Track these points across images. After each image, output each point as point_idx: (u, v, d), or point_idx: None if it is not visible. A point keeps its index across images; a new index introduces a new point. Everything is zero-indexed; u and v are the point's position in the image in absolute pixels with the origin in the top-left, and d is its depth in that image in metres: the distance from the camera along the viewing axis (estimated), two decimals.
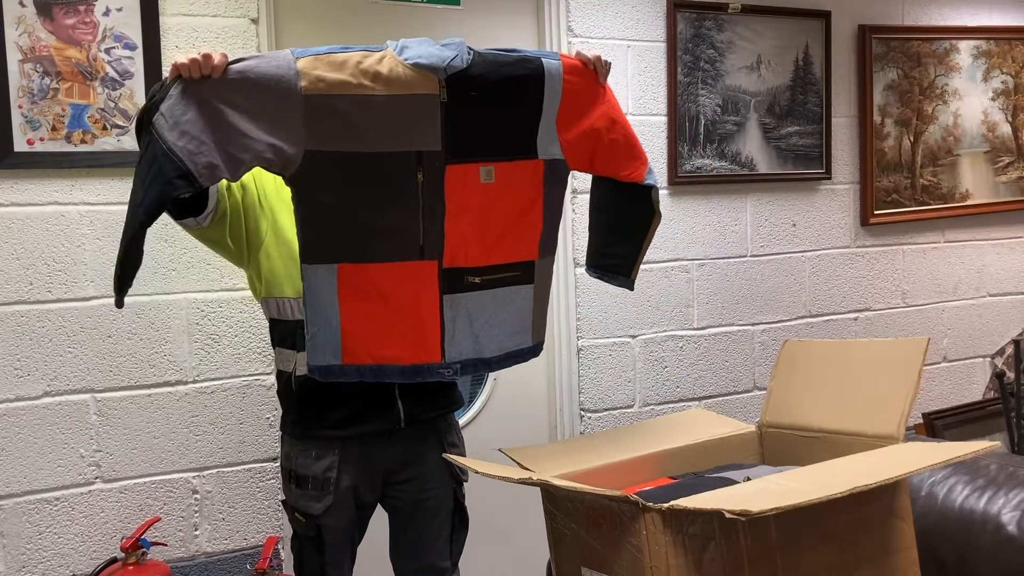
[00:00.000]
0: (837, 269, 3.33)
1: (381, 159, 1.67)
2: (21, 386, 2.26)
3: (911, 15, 3.43)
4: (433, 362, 1.77)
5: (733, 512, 1.19)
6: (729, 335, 3.13)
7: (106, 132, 2.30)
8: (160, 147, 1.53)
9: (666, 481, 1.71)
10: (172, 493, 2.41)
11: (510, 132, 1.76)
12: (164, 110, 1.55)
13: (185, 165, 1.53)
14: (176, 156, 1.52)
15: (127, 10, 2.30)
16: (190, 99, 1.57)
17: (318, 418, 1.87)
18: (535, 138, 1.77)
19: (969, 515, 1.80)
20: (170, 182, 1.53)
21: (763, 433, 1.90)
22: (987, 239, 3.64)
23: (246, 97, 1.59)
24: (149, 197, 1.54)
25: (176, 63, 1.56)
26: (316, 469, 1.87)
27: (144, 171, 1.55)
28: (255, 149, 1.59)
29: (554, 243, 1.91)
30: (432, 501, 1.98)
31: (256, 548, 2.47)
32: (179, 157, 1.53)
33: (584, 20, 2.85)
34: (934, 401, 3.51)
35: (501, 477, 1.48)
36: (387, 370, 1.76)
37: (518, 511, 2.65)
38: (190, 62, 1.55)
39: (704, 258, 3.07)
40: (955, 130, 3.53)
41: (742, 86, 3.08)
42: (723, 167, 3.07)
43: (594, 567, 1.48)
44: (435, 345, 1.76)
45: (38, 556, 2.28)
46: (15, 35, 2.20)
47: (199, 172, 1.54)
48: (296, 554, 1.95)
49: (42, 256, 2.27)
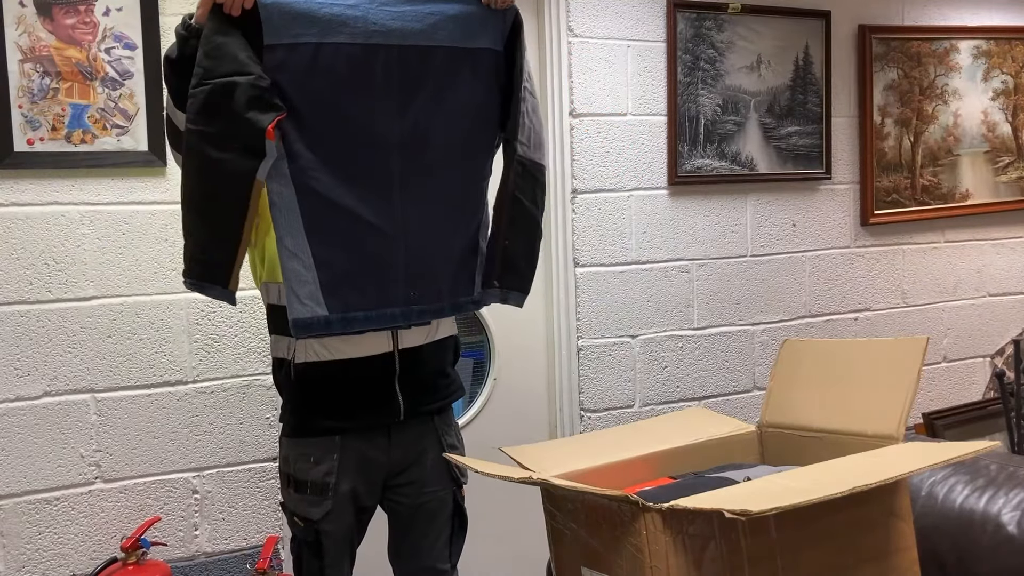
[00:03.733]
0: (837, 269, 3.33)
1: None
2: (21, 386, 2.26)
3: (911, 15, 3.43)
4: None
5: (733, 512, 1.19)
6: (729, 335, 3.13)
7: (106, 132, 2.30)
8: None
9: (666, 481, 1.71)
10: (172, 493, 2.41)
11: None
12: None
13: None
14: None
15: (127, 10, 2.30)
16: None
17: (317, 408, 1.86)
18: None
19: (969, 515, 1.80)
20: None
21: (763, 433, 1.90)
22: (987, 239, 3.64)
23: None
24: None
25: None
26: (315, 474, 1.86)
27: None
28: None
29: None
30: (432, 503, 1.97)
31: (256, 548, 2.47)
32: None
33: (584, 20, 2.85)
34: (934, 401, 3.51)
35: (501, 477, 1.48)
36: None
37: (518, 511, 2.65)
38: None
39: (704, 258, 3.07)
40: (955, 130, 3.53)
41: (742, 86, 3.08)
42: (723, 167, 3.07)
43: (594, 567, 1.48)
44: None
45: (38, 556, 2.28)
46: (15, 35, 2.20)
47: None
48: (295, 558, 1.94)
49: (42, 256, 2.27)
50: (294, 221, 1.70)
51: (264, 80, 1.63)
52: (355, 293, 1.75)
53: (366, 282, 1.77)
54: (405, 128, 1.76)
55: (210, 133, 1.62)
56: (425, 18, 1.74)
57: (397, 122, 1.76)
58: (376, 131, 1.75)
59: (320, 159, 1.70)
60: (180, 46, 1.67)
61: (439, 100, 1.79)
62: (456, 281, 1.88)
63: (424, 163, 1.79)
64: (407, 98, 1.76)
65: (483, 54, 1.82)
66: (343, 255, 1.74)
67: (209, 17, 1.62)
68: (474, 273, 1.90)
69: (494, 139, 1.91)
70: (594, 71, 2.87)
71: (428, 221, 1.81)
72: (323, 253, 1.72)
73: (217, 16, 1.61)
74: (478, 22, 1.80)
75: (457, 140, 1.83)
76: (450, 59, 1.78)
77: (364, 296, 1.76)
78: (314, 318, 1.72)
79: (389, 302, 1.79)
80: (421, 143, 1.78)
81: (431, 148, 1.80)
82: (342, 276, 1.74)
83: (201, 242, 1.69)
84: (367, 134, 1.74)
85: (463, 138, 1.84)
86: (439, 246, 1.84)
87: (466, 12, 1.78)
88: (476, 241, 1.90)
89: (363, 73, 1.71)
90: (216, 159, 1.63)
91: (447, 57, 1.77)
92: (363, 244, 1.75)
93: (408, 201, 1.78)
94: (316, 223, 1.71)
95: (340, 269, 1.74)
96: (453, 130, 1.82)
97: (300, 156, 1.69)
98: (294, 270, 1.71)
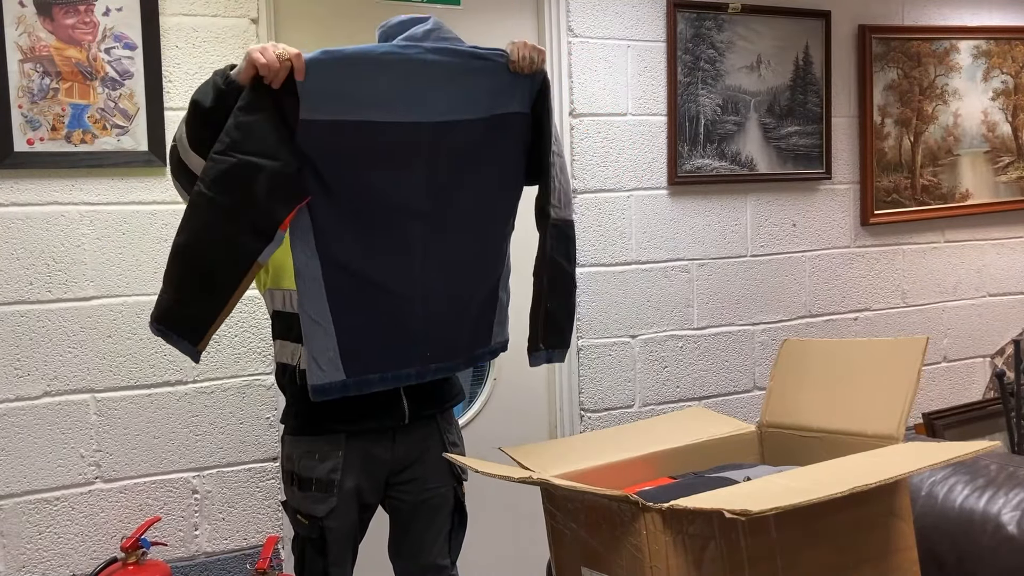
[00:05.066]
0: (837, 269, 3.33)
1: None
2: (21, 386, 2.26)
3: (911, 15, 3.43)
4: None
5: (733, 512, 1.19)
6: (729, 335, 3.13)
7: (106, 132, 2.30)
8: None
9: (666, 481, 1.71)
10: (172, 493, 2.41)
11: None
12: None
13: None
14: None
15: (127, 10, 2.30)
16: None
17: (322, 412, 1.86)
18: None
19: (969, 515, 1.80)
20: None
21: (763, 433, 1.90)
22: (987, 239, 3.64)
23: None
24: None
25: (256, 61, 1.56)
26: (320, 471, 1.87)
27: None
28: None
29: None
30: (434, 500, 1.98)
31: (256, 548, 2.47)
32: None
33: (584, 20, 2.85)
34: (934, 401, 3.51)
35: (501, 476, 1.48)
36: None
37: (518, 511, 2.65)
38: (271, 65, 1.57)
39: (704, 258, 3.07)
40: (955, 130, 3.53)
41: (742, 86, 3.08)
42: (723, 167, 3.07)
43: (594, 567, 1.48)
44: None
45: (38, 556, 2.28)
46: (15, 35, 2.20)
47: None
48: (298, 555, 1.95)
49: (42, 256, 2.27)
50: (317, 290, 1.71)
51: (290, 167, 1.61)
52: (374, 357, 1.78)
53: (385, 346, 1.79)
54: (432, 199, 1.78)
55: (222, 204, 1.59)
56: (461, 93, 1.75)
57: (425, 193, 1.77)
58: (404, 203, 1.76)
59: (347, 231, 1.72)
60: (215, 97, 1.62)
61: (468, 170, 1.80)
62: (474, 335, 1.91)
63: (448, 229, 1.81)
64: (437, 171, 1.77)
65: (513, 118, 1.83)
66: (364, 322, 1.76)
67: (248, 85, 1.59)
68: (492, 324, 1.93)
69: (518, 196, 1.93)
70: (594, 71, 2.87)
71: (450, 284, 1.83)
72: (345, 321, 1.73)
73: (256, 86, 1.59)
74: (509, 88, 1.81)
75: (483, 205, 1.85)
76: (483, 130, 1.79)
77: (382, 359, 1.79)
78: (332, 384, 1.74)
79: (406, 363, 1.82)
80: (447, 211, 1.80)
81: (456, 215, 1.81)
82: (362, 342, 1.76)
83: (183, 298, 1.66)
84: (395, 206, 1.75)
85: (489, 203, 1.86)
86: (459, 306, 1.87)
87: (500, 82, 1.78)
88: (496, 293, 1.93)
89: (397, 149, 1.72)
90: (222, 231, 1.61)
91: (480, 128, 1.79)
92: (384, 311, 1.78)
93: (430, 267, 1.80)
94: (339, 292, 1.72)
95: (360, 335, 1.76)
96: (480, 197, 1.84)
97: (327, 229, 1.69)
98: (316, 337, 1.72)
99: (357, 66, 1.65)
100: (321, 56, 1.62)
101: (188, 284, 1.66)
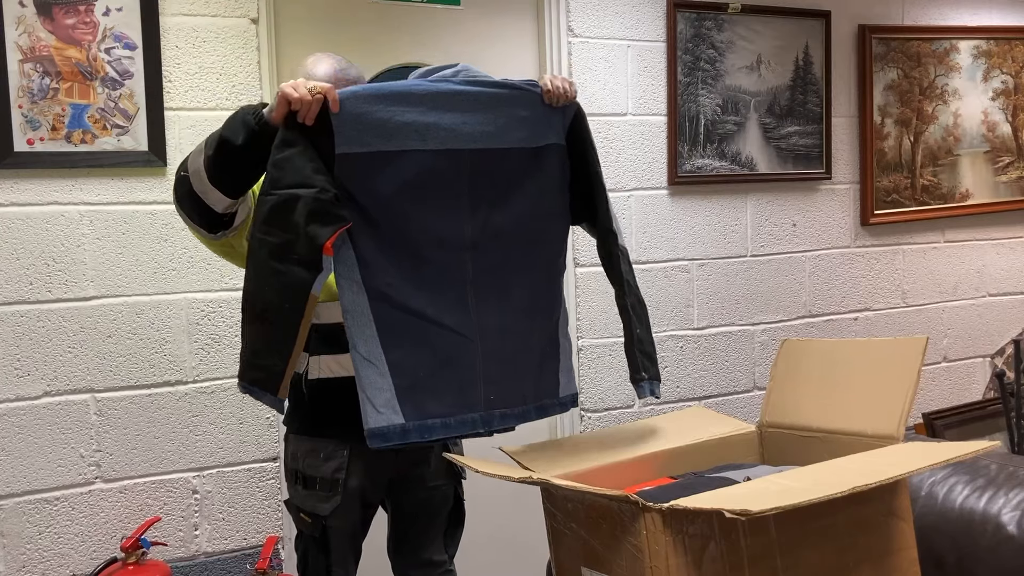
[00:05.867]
0: (837, 269, 3.33)
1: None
2: (21, 386, 2.26)
3: (911, 15, 3.43)
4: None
5: (733, 512, 1.19)
6: (729, 335, 3.13)
7: (106, 132, 2.30)
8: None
9: (666, 481, 1.71)
10: (172, 493, 2.41)
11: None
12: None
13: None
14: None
15: (127, 10, 2.30)
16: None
17: (327, 415, 1.87)
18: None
19: (969, 515, 1.80)
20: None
21: (763, 433, 1.90)
22: (987, 239, 3.64)
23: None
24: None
25: (290, 96, 1.58)
26: (325, 470, 1.87)
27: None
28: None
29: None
30: (435, 499, 1.99)
31: (256, 548, 2.47)
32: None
33: (584, 20, 2.85)
34: (934, 401, 3.51)
35: (501, 476, 1.48)
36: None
37: (518, 511, 2.65)
38: (303, 99, 1.58)
39: (704, 258, 3.07)
40: (955, 130, 3.53)
41: (742, 86, 3.08)
42: (723, 167, 3.07)
43: (594, 567, 1.48)
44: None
45: (38, 556, 2.28)
46: (15, 35, 2.20)
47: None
48: (301, 554, 1.95)
49: (42, 256, 2.27)
50: (366, 326, 1.67)
51: (327, 192, 1.60)
52: (432, 399, 1.71)
53: (443, 387, 1.72)
54: (476, 229, 1.75)
55: (272, 243, 1.61)
56: (495, 121, 1.74)
57: (469, 224, 1.75)
58: (448, 234, 1.73)
59: (391, 263, 1.69)
60: (247, 136, 1.62)
61: (510, 200, 1.78)
62: (538, 381, 1.85)
63: (496, 263, 1.78)
64: (478, 200, 1.75)
65: (550, 150, 1.82)
66: (417, 360, 1.70)
67: (282, 124, 1.60)
68: (557, 372, 1.89)
69: (566, 231, 1.92)
70: (594, 71, 2.87)
71: (503, 321, 1.79)
72: (398, 358, 1.68)
73: (291, 123, 1.59)
74: (544, 120, 1.80)
75: (529, 238, 1.83)
76: (520, 159, 1.77)
77: (441, 402, 1.72)
78: (391, 427, 1.66)
79: (468, 406, 1.74)
80: (493, 243, 1.77)
81: (503, 247, 1.78)
82: (418, 381, 1.70)
83: (256, 348, 1.67)
84: (439, 237, 1.72)
85: (535, 236, 1.84)
86: (517, 346, 1.81)
87: (533, 113, 1.78)
88: (556, 338, 1.89)
89: (435, 178, 1.70)
90: (275, 270, 1.61)
91: (518, 157, 1.77)
92: (438, 347, 1.72)
93: (482, 301, 1.76)
94: (389, 328, 1.68)
95: (415, 374, 1.69)
96: (524, 228, 1.81)
97: (371, 262, 1.67)
98: (368, 377, 1.66)
99: (389, 98, 1.65)
100: (354, 90, 1.64)
101: (256, 331, 1.67)
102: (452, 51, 2.74)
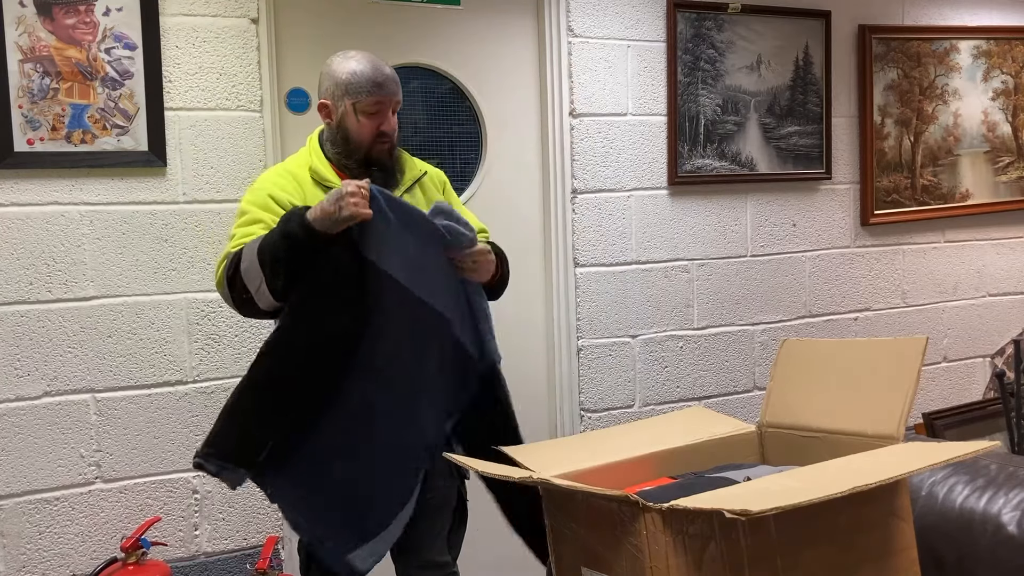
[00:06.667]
0: (837, 269, 3.33)
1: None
2: (21, 386, 2.26)
3: (911, 15, 3.43)
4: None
5: (733, 512, 1.19)
6: (729, 335, 3.13)
7: (106, 132, 2.30)
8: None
9: (666, 481, 1.70)
10: (172, 493, 2.41)
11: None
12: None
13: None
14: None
15: (127, 10, 2.30)
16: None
17: None
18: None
19: (969, 515, 1.80)
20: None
21: (763, 433, 1.89)
22: (987, 239, 3.64)
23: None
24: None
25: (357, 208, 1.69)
26: None
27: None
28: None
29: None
30: (437, 499, 1.99)
31: (256, 548, 2.46)
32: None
33: (584, 20, 2.85)
34: (934, 401, 3.51)
35: (501, 476, 1.48)
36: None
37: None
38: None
39: (704, 258, 3.07)
40: (955, 130, 3.53)
41: (742, 86, 3.08)
42: (723, 167, 3.07)
43: (594, 567, 1.48)
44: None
45: (38, 556, 2.28)
46: (15, 35, 2.20)
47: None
48: (304, 555, 1.95)
49: (42, 256, 2.27)
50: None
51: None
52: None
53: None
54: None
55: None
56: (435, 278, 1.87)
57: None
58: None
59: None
60: (298, 251, 1.71)
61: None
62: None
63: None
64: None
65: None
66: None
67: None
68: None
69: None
70: (594, 71, 2.87)
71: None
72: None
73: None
74: (468, 318, 1.98)
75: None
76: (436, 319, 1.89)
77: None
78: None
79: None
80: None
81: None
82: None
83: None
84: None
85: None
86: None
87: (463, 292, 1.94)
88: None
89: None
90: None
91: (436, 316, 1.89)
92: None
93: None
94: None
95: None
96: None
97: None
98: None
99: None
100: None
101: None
102: (452, 51, 2.74)
